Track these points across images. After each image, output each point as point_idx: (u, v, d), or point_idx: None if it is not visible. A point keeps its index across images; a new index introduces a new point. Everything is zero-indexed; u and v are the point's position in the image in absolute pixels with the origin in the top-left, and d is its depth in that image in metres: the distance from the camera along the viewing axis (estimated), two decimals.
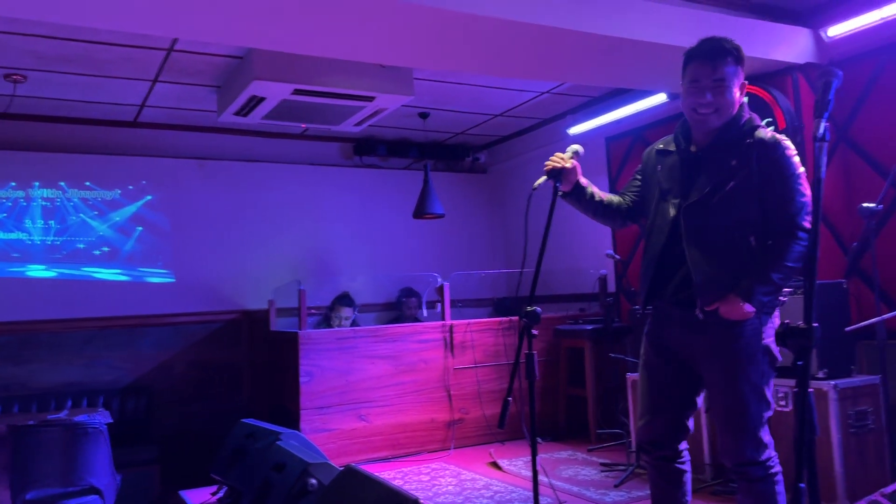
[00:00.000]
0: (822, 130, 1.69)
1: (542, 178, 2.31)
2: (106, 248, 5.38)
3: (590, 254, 5.57)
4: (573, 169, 2.38)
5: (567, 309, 5.66)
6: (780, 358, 2.24)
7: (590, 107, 5.50)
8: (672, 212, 2.29)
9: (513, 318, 5.27)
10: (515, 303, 6.28)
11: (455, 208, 6.77)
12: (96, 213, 5.42)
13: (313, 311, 5.87)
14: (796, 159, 2.24)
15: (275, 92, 4.30)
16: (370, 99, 4.53)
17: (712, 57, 2.20)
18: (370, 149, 6.39)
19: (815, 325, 1.70)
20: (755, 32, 3.94)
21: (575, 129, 5.60)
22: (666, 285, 2.29)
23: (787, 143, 2.24)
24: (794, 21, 4.13)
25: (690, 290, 2.23)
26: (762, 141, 2.23)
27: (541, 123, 6.20)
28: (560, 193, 2.35)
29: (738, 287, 2.18)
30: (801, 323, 1.71)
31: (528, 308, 2.18)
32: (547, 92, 5.37)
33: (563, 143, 5.83)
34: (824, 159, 1.70)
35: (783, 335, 1.74)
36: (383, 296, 6.36)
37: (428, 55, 3.65)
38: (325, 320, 5.84)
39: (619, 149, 5.46)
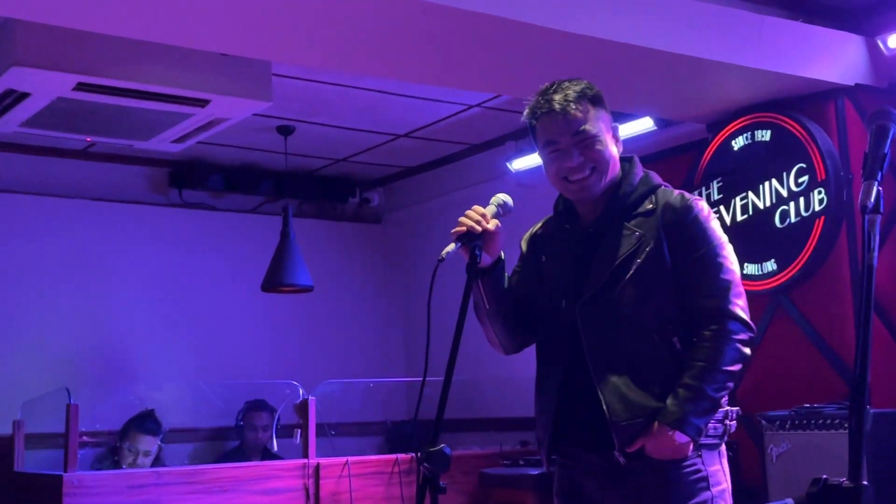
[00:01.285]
0: (873, 198, 1.80)
1: (452, 245, 2.40)
2: None
3: (529, 357, 5.61)
4: (496, 233, 2.49)
5: (500, 441, 5.68)
6: None
7: None
8: (571, 314, 2.48)
9: (416, 454, 5.26)
10: (420, 430, 6.26)
11: (330, 277, 6.78)
12: None
13: (89, 439, 5.69)
14: (715, 224, 2.48)
15: (46, 85, 4.27)
16: (201, 103, 4.54)
17: (561, 107, 2.45)
18: (197, 179, 6.36)
19: (866, 483, 1.76)
20: (779, 36, 4.21)
21: (519, 163, 5.76)
22: (573, 422, 2.47)
23: (702, 203, 2.49)
24: (839, 24, 4.40)
25: (606, 426, 2.40)
26: (669, 204, 2.48)
27: (466, 152, 6.32)
28: (477, 268, 2.46)
29: (664, 412, 2.35)
30: (845, 480, 1.76)
31: (432, 447, 2.22)
32: (477, 105, 5.48)
33: (499, 183, 5.97)
34: (877, 237, 1.80)
35: (818, 497, 1.80)
36: (211, 416, 6.24)
37: (296, 41, 3.70)
38: (112, 455, 5.67)
39: None
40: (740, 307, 2.42)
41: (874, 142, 1.89)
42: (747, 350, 2.42)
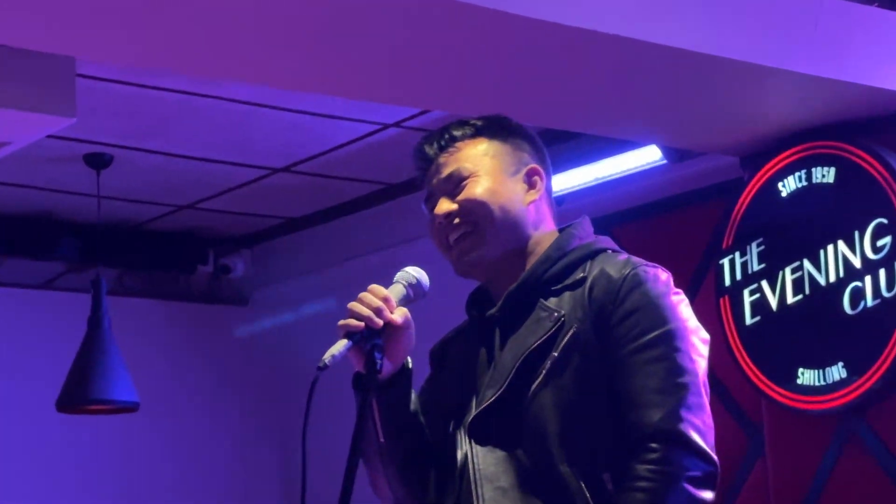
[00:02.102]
0: None
1: (341, 344, 2.44)
2: None
3: None
4: (404, 328, 2.56)
5: None
6: None
7: None
8: (462, 443, 2.54)
9: None
10: None
11: (167, 388, 6.76)
12: None
13: None
14: (675, 300, 2.52)
15: None
16: None
17: (438, 145, 2.63)
18: None
19: None
20: (847, 27, 4.26)
21: None
22: None
23: (656, 272, 2.54)
24: None
25: None
26: (604, 271, 2.51)
27: (379, 196, 6.38)
28: (376, 378, 2.48)
29: None
30: None
31: None
32: (395, 125, 5.53)
33: (427, 244, 5.97)
34: None
35: None
36: None
37: (113, 26, 3.70)
38: None
39: None
40: (695, 428, 2.39)
41: None
42: (706, 495, 2.40)
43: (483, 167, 2.56)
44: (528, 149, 2.63)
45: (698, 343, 2.48)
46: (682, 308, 2.50)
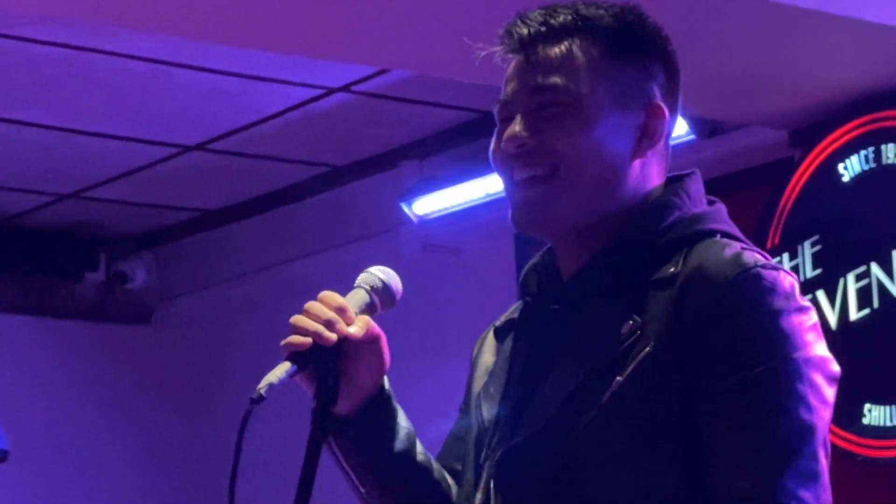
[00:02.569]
0: None
1: (283, 368, 2.37)
2: None
3: None
4: (370, 342, 2.51)
5: None
6: None
7: (475, 141, 5.74)
8: (484, 491, 2.50)
9: None
10: None
11: (47, 431, 6.78)
12: None
13: None
14: (799, 319, 2.37)
15: None
16: None
17: (539, 30, 2.43)
18: None
19: None
20: None
21: (426, 204, 5.84)
22: None
23: (782, 279, 2.39)
24: None
25: None
26: (702, 269, 2.40)
27: (322, 182, 6.39)
28: (330, 413, 2.42)
29: None
30: None
31: None
32: (342, 89, 5.56)
33: (385, 243, 5.98)
34: None
35: None
36: None
37: None
38: None
39: None
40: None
41: None
42: None
43: (590, 91, 2.38)
44: (659, 75, 2.42)
45: (823, 384, 2.29)
46: (808, 332, 2.29)
